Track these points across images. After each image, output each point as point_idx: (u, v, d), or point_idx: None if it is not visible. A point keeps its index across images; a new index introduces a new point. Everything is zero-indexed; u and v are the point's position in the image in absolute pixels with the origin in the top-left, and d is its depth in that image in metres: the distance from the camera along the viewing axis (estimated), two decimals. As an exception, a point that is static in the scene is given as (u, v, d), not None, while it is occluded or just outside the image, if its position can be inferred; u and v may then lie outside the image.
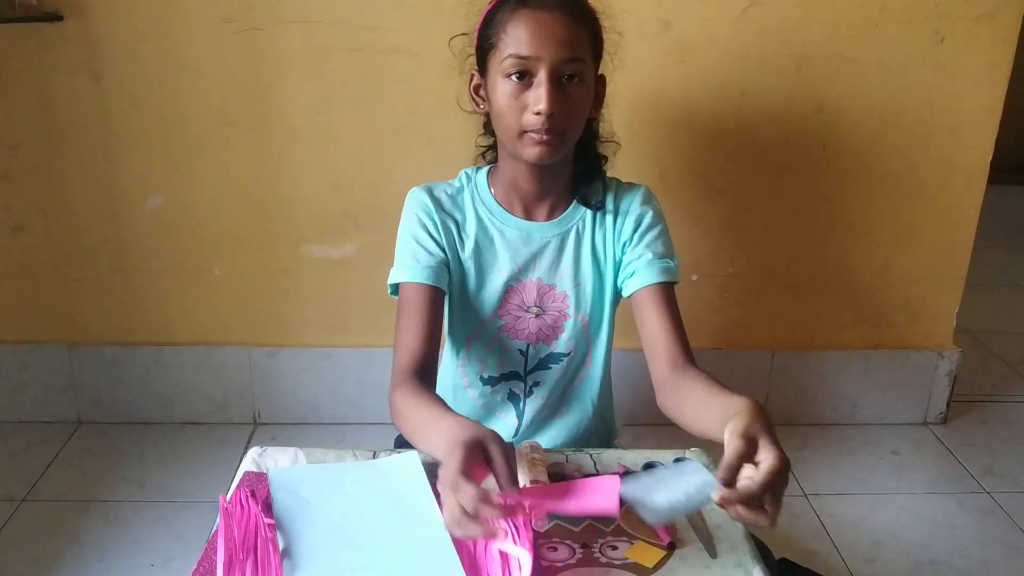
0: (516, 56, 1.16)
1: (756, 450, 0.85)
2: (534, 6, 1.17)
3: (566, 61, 1.16)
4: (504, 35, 1.18)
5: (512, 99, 1.18)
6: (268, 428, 2.32)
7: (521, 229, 1.29)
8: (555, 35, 1.16)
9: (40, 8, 1.95)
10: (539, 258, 1.29)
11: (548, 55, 1.15)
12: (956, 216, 2.24)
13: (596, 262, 1.31)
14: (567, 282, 1.30)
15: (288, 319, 2.26)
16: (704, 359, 2.37)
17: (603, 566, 0.92)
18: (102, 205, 2.14)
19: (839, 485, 2.16)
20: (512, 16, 1.17)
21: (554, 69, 1.16)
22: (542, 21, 1.16)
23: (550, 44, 1.15)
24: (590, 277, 1.31)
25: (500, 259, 1.29)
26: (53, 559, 1.83)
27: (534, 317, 1.31)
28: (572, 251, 1.30)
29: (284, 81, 2.05)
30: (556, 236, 1.30)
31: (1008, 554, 1.92)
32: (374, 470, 1.07)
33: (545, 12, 1.16)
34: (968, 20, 2.05)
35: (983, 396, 2.57)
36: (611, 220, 1.31)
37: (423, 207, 1.29)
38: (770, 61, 2.07)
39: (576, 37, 1.18)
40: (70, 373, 2.28)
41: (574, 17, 1.18)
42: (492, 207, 1.30)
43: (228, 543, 0.91)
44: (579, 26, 1.19)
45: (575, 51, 1.17)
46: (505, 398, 1.37)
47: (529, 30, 1.16)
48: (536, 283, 1.30)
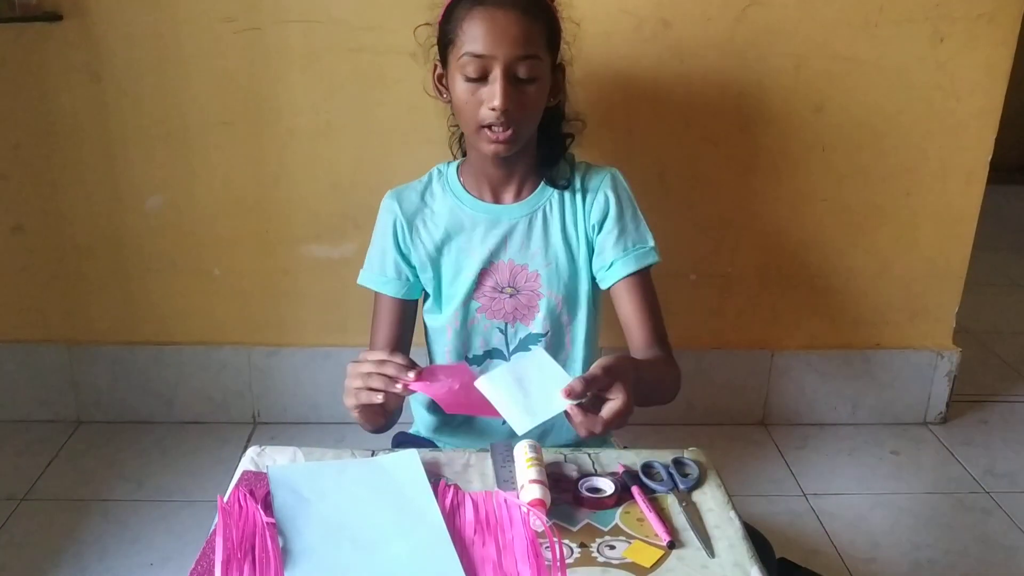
0: (471, 54, 1.20)
1: (610, 387, 1.01)
2: (488, 4, 1.20)
3: (520, 58, 1.20)
4: (461, 32, 1.21)
5: (469, 95, 1.22)
6: (267, 427, 2.32)
7: (490, 213, 1.34)
8: (509, 33, 1.19)
9: (40, 8, 1.95)
10: (509, 239, 1.34)
11: (502, 53, 1.19)
12: (956, 216, 2.24)
13: (567, 241, 1.35)
14: (539, 261, 1.34)
15: (287, 319, 2.26)
16: (704, 359, 2.40)
17: (601, 565, 0.92)
18: (101, 205, 2.14)
19: (839, 485, 2.16)
20: (468, 14, 1.20)
21: (508, 66, 1.20)
22: (496, 19, 1.19)
23: (504, 42, 1.19)
24: (562, 256, 1.34)
25: (472, 244, 1.34)
26: (53, 558, 1.83)
27: (508, 297, 1.36)
28: (541, 231, 1.34)
29: (283, 81, 2.05)
30: (524, 217, 1.34)
31: (1008, 554, 1.92)
32: (374, 468, 1.07)
33: (499, 10, 1.19)
34: (968, 20, 2.05)
35: (983, 396, 2.57)
36: (580, 199, 1.35)
37: (393, 216, 1.37)
38: (769, 61, 2.07)
39: (530, 34, 1.20)
40: (69, 373, 2.28)
41: (528, 13, 1.20)
42: (462, 196, 1.36)
43: (226, 542, 0.92)
44: (533, 22, 1.21)
45: (529, 48, 1.20)
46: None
47: (483, 28, 1.19)
48: (508, 264, 1.34)
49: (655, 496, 1.05)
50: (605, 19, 2.02)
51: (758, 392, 2.38)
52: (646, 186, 2.16)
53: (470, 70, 1.21)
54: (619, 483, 1.04)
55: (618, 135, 2.11)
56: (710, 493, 1.06)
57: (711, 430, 2.35)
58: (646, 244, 1.36)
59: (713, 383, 2.35)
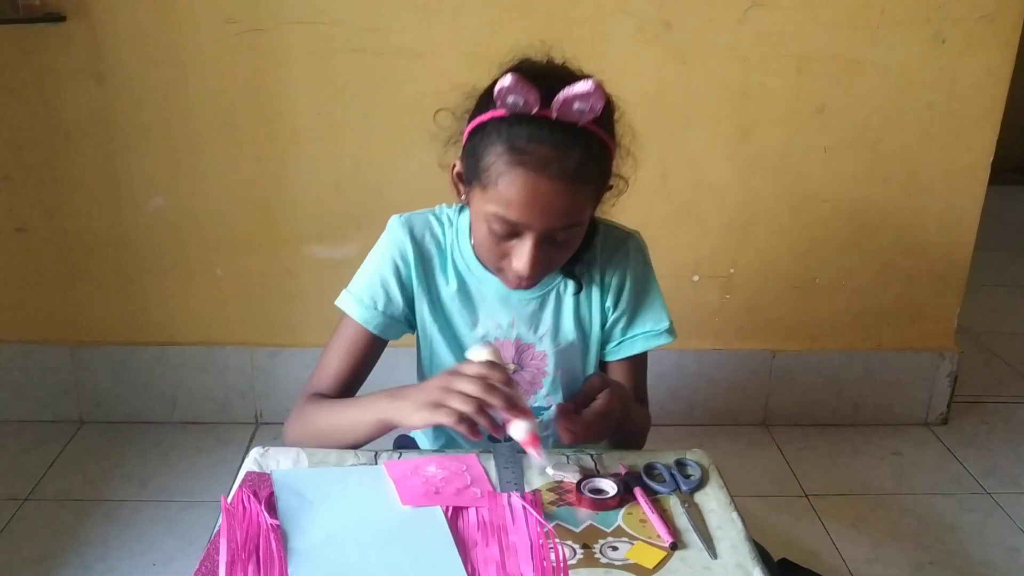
0: (503, 218, 1.03)
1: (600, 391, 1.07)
2: (532, 168, 1.00)
3: (560, 229, 1.05)
4: (493, 185, 1.02)
5: (493, 243, 1.08)
6: (270, 428, 2.33)
7: (500, 290, 1.19)
8: (552, 207, 1.02)
9: (43, 9, 1.95)
10: (517, 319, 1.22)
11: (540, 225, 1.03)
12: (957, 217, 2.24)
13: (579, 323, 1.24)
14: (547, 342, 1.23)
15: (290, 319, 2.27)
16: (706, 360, 2.41)
17: (604, 566, 0.92)
18: (105, 206, 2.15)
19: (840, 485, 2.16)
20: (507, 170, 1.01)
21: (543, 235, 1.05)
22: (539, 191, 1.01)
23: (545, 216, 1.03)
24: (573, 337, 1.24)
25: (478, 315, 1.22)
26: (55, 558, 1.83)
27: (512, 373, 1.23)
28: (552, 312, 1.22)
29: (286, 82, 2.05)
30: (536, 298, 1.22)
31: (1008, 555, 1.92)
32: (378, 473, 1.07)
33: (545, 180, 1.00)
34: (969, 22, 2.05)
35: (984, 397, 2.57)
36: (597, 277, 1.23)
37: (401, 250, 1.20)
38: (771, 62, 2.07)
39: (577, 202, 1.04)
40: (72, 373, 2.29)
41: (580, 182, 1.02)
42: (471, 262, 1.21)
43: (230, 543, 0.92)
44: (583, 186, 1.04)
45: (573, 218, 1.05)
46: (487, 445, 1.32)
47: (522, 196, 1.01)
48: (515, 342, 1.23)
49: (657, 497, 1.05)
50: (607, 20, 2.02)
51: (760, 393, 2.38)
52: (648, 187, 2.17)
53: (498, 228, 1.05)
54: (622, 484, 1.04)
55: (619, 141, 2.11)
56: (712, 494, 1.06)
57: (713, 431, 2.35)
58: (659, 326, 1.25)
59: (715, 384, 2.36)
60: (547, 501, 1.03)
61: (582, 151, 1.01)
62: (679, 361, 2.32)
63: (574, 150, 1.00)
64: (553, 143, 1.00)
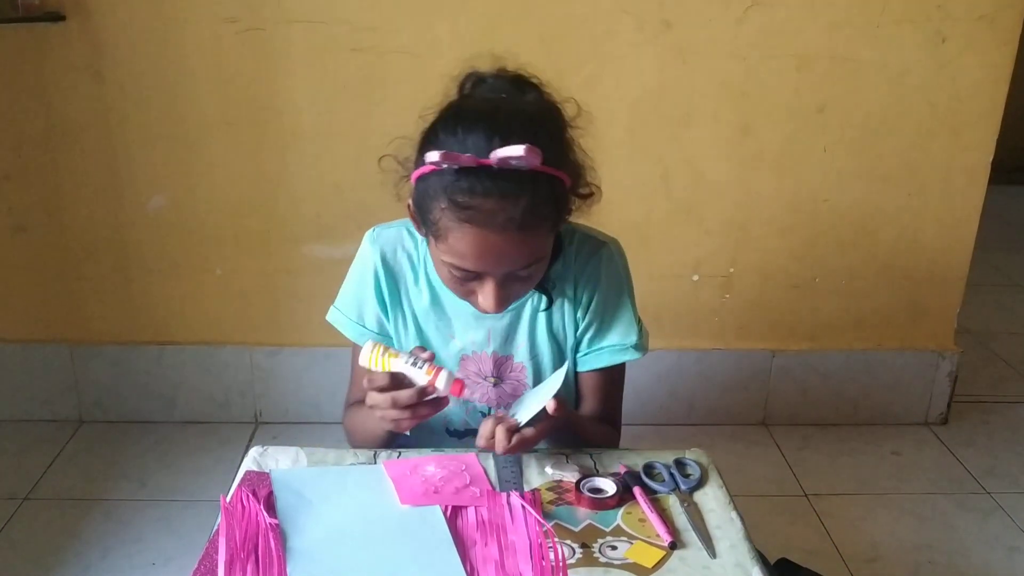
0: (459, 268, 1.03)
1: None
2: (480, 224, 0.98)
3: (519, 268, 1.04)
4: (444, 239, 1.02)
5: (456, 284, 1.08)
6: (269, 427, 2.33)
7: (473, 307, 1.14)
8: (506, 255, 1.01)
9: (43, 8, 1.95)
10: (492, 333, 1.21)
11: (498, 271, 1.03)
12: (957, 216, 2.24)
13: (553, 335, 1.23)
14: (523, 354, 1.22)
15: (290, 319, 2.27)
16: (705, 359, 2.40)
17: (603, 566, 0.92)
18: (104, 205, 2.15)
19: (840, 485, 2.16)
20: (455, 226, 0.99)
21: (504, 276, 1.05)
22: (490, 243, 0.99)
23: (500, 263, 1.02)
24: (547, 351, 1.23)
25: (453, 329, 1.21)
26: (55, 557, 1.83)
27: (492, 386, 1.24)
28: (527, 326, 1.21)
29: (287, 81, 2.05)
30: (510, 312, 1.20)
31: (1008, 555, 1.92)
32: (377, 472, 1.07)
33: (493, 234, 0.98)
34: (969, 21, 2.05)
35: (984, 396, 2.57)
36: (569, 301, 1.21)
37: (373, 267, 1.21)
38: (771, 62, 2.07)
39: (529, 246, 1.03)
40: (72, 372, 2.29)
41: (530, 227, 1.00)
42: (436, 280, 1.19)
43: (229, 542, 0.92)
44: (537, 229, 1.01)
45: (529, 259, 1.04)
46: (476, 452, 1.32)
47: (474, 251, 1.00)
48: (492, 356, 1.22)
49: (657, 496, 1.05)
50: (607, 19, 2.02)
51: (759, 392, 2.38)
52: (648, 186, 2.17)
53: (457, 273, 1.05)
54: (621, 484, 1.04)
55: (620, 136, 2.11)
56: (712, 493, 1.06)
57: (712, 430, 2.35)
58: (626, 341, 1.22)
59: (714, 383, 2.35)
60: (546, 500, 1.03)
61: (529, 197, 0.98)
62: (679, 361, 2.32)
63: (521, 199, 0.97)
64: (498, 195, 0.97)
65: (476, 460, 1.10)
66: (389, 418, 1.04)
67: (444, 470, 1.06)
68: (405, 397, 1.03)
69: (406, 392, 1.03)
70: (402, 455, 1.11)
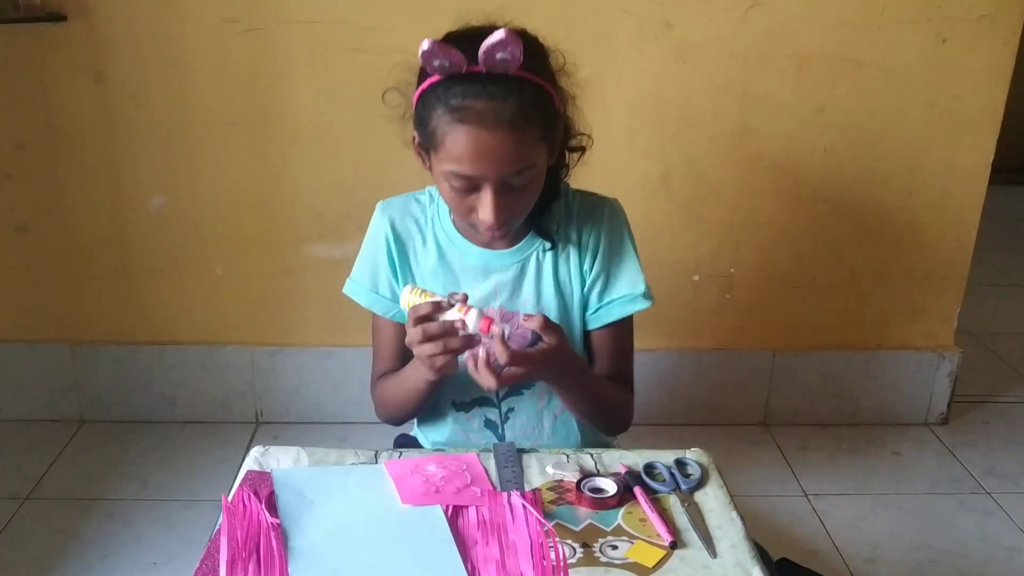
0: (456, 174, 1.10)
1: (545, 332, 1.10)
2: (472, 123, 1.06)
3: (513, 173, 1.10)
4: (441, 144, 1.09)
5: (458, 200, 1.14)
6: (270, 427, 2.33)
7: (480, 258, 1.26)
8: (498, 155, 1.07)
9: (44, 8, 1.96)
10: (499, 287, 1.26)
11: (492, 174, 1.09)
12: (957, 217, 2.24)
13: (559, 288, 1.27)
14: (530, 309, 1.26)
15: (290, 318, 2.27)
16: (706, 359, 2.40)
17: (604, 565, 0.93)
18: (105, 205, 2.15)
19: (840, 485, 2.16)
20: (450, 129, 1.08)
21: (499, 183, 1.10)
22: (483, 142, 1.06)
23: (493, 164, 1.08)
24: (554, 304, 1.27)
25: (460, 285, 1.26)
26: (56, 557, 1.83)
27: None
28: (532, 278, 1.26)
29: (286, 81, 2.05)
30: (515, 264, 1.26)
31: (1008, 555, 1.92)
32: (378, 472, 1.07)
33: (486, 132, 1.06)
34: (969, 21, 2.05)
35: (984, 397, 2.57)
36: (574, 241, 1.27)
37: (384, 234, 1.29)
38: (772, 62, 2.07)
39: (522, 146, 1.09)
40: (73, 372, 2.29)
41: (521, 127, 1.07)
42: (451, 234, 1.27)
43: (231, 542, 0.92)
44: (525, 130, 1.08)
45: (524, 162, 1.10)
46: (482, 425, 1.34)
47: (468, 150, 1.07)
48: (499, 311, 1.26)
49: (657, 496, 1.05)
50: (607, 19, 2.02)
51: (760, 392, 2.38)
52: (648, 186, 2.17)
53: (456, 184, 1.11)
54: (621, 483, 1.04)
55: (621, 136, 2.11)
56: (712, 493, 1.06)
57: (713, 430, 2.35)
58: (635, 291, 1.27)
59: (715, 383, 2.36)
60: (547, 500, 1.03)
61: (517, 98, 1.06)
62: (679, 360, 2.32)
63: (509, 99, 1.06)
64: (487, 96, 1.06)
65: (477, 460, 1.10)
66: (425, 353, 1.08)
67: (445, 470, 1.07)
68: (435, 327, 1.08)
69: (435, 324, 1.08)
70: (403, 455, 1.11)
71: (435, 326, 1.08)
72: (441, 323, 1.08)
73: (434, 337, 1.07)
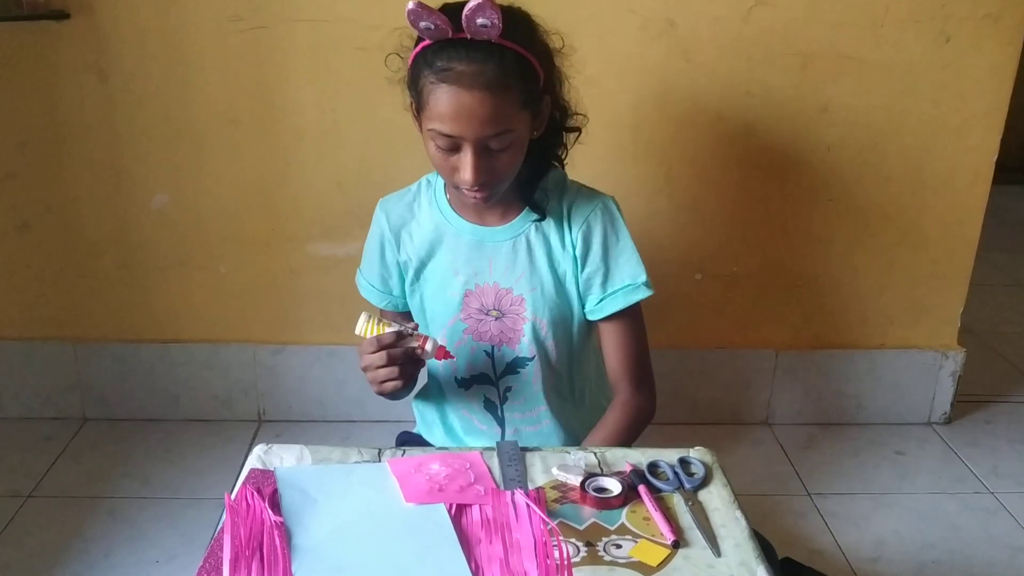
0: (439, 132, 1.17)
1: None
2: (454, 83, 1.13)
3: (490, 136, 1.16)
4: (427, 106, 1.17)
5: (442, 160, 1.21)
6: (273, 425, 2.33)
7: (475, 234, 1.33)
8: (476, 115, 1.14)
9: (47, 6, 1.96)
10: (493, 262, 1.32)
11: (471, 134, 1.15)
12: (961, 216, 2.24)
13: (553, 266, 1.33)
14: (523, 285, 1.32)
15: (293, 317, 2.27)
16: (709, 358, 2.40)
17: (607, 564, 0.92)
18: (108, 203, 2.15)
19: (843, 484, 2.16)
20: (434, 89, 1.15)
21: (478, 145, 1.16)
22: (461, 101, 1.13)
23: (471, 125, 1.14)
24: (548, 281, 1.32)
25: (456, 264, 1.34)
26: (58, 555, 1.83)
27: (494, 320, 1.34)
28: (525, 255, 1.32)
29: (290, 79, 2.05)
30: (508, 240, 1.32)
31: (1012, 554, 1.92)
32: (382, 471, 1.07)
33: (465, 92, 1.13)
34: (974, 20, 2.05)
35: (987, 396, 2.57)
36: (566, 227, 1.32)
37: (380, 228, 1.40)
38: (775, 61, 2.07)
39: (500, 109, 1.15)
40: (75, 370, 2.29)
41: (496, 90, 1.14)
42: (447, 213, 1.34)
43: (234, 540, 0.92)
44: (504, 95, 1.15)
45: (499, 125, 1.16)
46: (482, 406, 1.38)
47: (449, 109, 1.14)
48: (494, 287, 1.33)
49: (661, 495, 1.05)
50: (610, 18, 2.02)
51: (763, 392, 2.38)
52: (651, 185, 2.17)
53: (440, 143, 1.18)
54: (625, 483, 1.04)
55: (623, 134, 2.11)
56: (716, 492, 1.06)
57: (715, 429, 2.35)
58: (636, 280, 1.33)
59: (718, 382, 2.36)
60: (551, 499, 1.03)
61: (496, 63, 1.13)
62: (682, 359, 2.32)
63: (488, 63, 1.13)
64: (469, 59, 1.13)
65: (480, 458, 1.10)
66: (380, 378, 1.21)
67: (448, 468, 1.07)
68: (399, 353, 1.21)
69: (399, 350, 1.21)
70: (406, 453, 1.11)
71: (399, 352, 1.20)
72: (404, 350, 1.21)
73: (395, 362, 1.20)
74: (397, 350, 1.20)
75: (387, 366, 1.20)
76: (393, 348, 1.20)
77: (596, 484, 1.04)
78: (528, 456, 1.11)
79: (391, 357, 1.20)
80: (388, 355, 1.20)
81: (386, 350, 1.20)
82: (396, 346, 1.21)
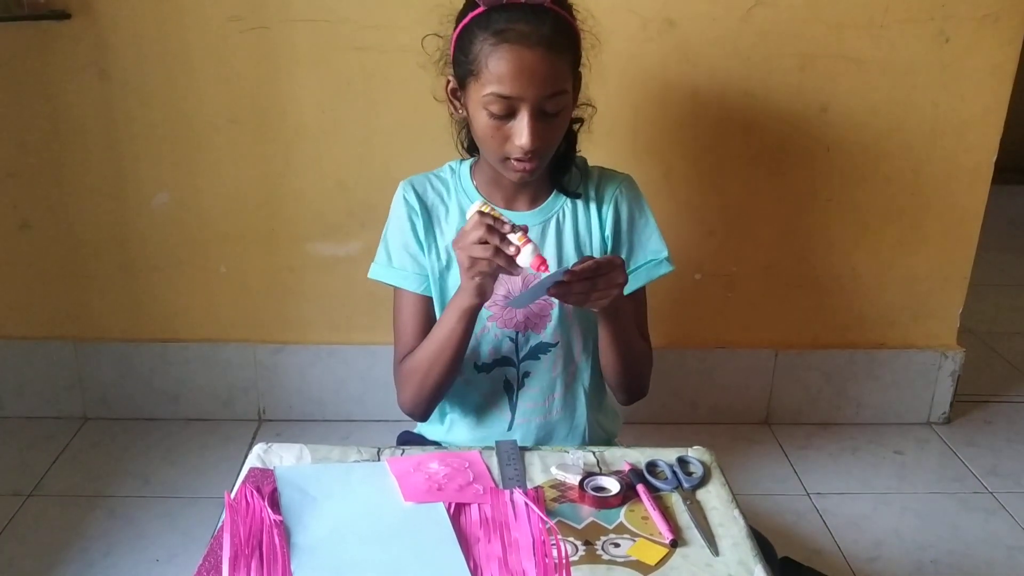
0: (498, 95, 1.17)
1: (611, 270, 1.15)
2: (515, 42, 1.15)
3: (548, 97, 1.18)
4: (484, 68, 1.17)
5: (494, 130, 1.20)
6: (273, 424, 2.33)
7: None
8: (537, 74, 1.16)
9: (48, 6, 1.96)
10: None
11: (531, 94, 1.16)
12: (960, 216, 2.24)
13: (580, 250, 1.34)
14: (552, 267, 1.27)
15: (293, 316, 2.27)
16: (708, 358, 2.40)
17: (606, 563, 0.93)
18: (108, 202, 2.15)
19: (842, 484, 2.16)
20: (494, 51, 1.16)
21: (536, 106, 1.18)
22: (524, 59, 1.15)
23: (533, 83, 1.16)
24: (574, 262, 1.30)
25: None
26: (59, 554, 1.84)
27: None
28: (554, 239, 1.34)
29: (290, 79, 2.05)
30: (538, 224, 1.33)
31: (1011, 554, 1.92)
32: (381, 469, 1.07)
33: (527, 50, 1.15)
34: (973, 20, 2.05)
35: (987, 396, 2.57)
36: (594, 208, 1.35)
37: (409, 208, 1.34)
38: (775, 61, 2.07)
39: (558, 69, 1.18)
40: (76, 369, 2.29)
41: (555, 49, 1.16)
42: (475, 199, 1.33)
43: (234, 539, 0.92)
44: (560, 55, 1.18)
45: (557, 85, 1.18)
46: (500, 387, 1.38)
47: (511, 68, 1.15)
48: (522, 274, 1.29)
49: (660, 494, 1.05)
50: (610, 18, 2.01)
51: (762, 391, 2.38)
52: (651, 185, 2.16)
53: (495, 108, 1.18)
54: (624, 482, 1.05)
55: (623, 134, 2.11)
56: (714, 492, 1.06)
57: (715, 429, 2.35)
58: (659, 255, 1.37)
59: (717, 382, 2.36)
60: (549, 498, 1.03)
61: (553, 23, 1.16)
62: (681, 359, 2.32)
63: (545, 23, 1.16)
64: (527, 19, 1.15)
65: (479, 458, 1.10)
66: (476, 254, 1.12)
67: (447, 467, 1.07)
68: (495, 235, 1.12)
69: (497, 234, 1.12)
70: (405, 452, 1.12)
71: (496, 235, 1.12)
72: (502, 235, 1.12)
73: (489, 243, 1.11)
74: (496, 233, 1.12)
75: (480, 244, 1.12)
76: (492, 231, 1.12)
77: (594, 483, 1.05)
78: (527, 455, 1.11)
79: (489, 233, 1.12)
80: (487, 229, 1.11)
81: (485, 226, 1.12)
82: (496, 228, 1.12)
